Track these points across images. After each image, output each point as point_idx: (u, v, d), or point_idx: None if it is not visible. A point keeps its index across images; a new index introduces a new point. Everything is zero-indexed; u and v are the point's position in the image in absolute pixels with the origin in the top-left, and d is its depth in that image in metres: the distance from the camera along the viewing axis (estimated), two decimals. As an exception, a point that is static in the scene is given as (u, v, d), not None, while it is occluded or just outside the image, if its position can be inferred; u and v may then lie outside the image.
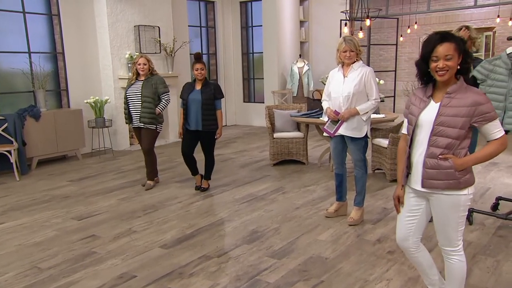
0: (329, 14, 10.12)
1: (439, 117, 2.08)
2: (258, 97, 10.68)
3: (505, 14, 10.06)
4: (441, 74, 2.06)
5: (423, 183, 2.16)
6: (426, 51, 2.08)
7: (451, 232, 2.20)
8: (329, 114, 3.82)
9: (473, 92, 2.09)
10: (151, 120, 5.05)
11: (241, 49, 10.63)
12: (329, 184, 5.20)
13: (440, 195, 2.15)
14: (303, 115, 5.92)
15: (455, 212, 2.16)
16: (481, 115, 2.05)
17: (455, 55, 2.04)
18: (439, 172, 2.11)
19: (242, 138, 8.72)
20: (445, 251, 2.28)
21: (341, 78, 3.75)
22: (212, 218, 4.18)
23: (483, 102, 2.05)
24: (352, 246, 3.43)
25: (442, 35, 2.06)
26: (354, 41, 3.68)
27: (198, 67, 4.78)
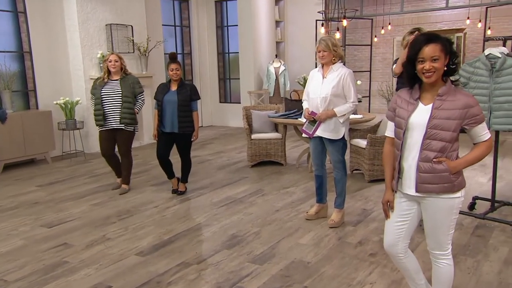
0: (304, 14, 10.12)
1: (432, 120, 2.03)
2: (234, 98, 10.58)
3: (475, 16, 10.29)
4: (428, 76, 2.01)
5: (418, 188, 2.11)
6: (412, 53, 2.04)
7: (442, 235, 2.17)
8: (304, 114, 3.77)
9: (463, 94, 2.06)
10: (132, 120, 4.93)
11: (217, 49, 10.51)
12: (308, 185, 5.15)
13: (433, 199, 2.11)
14: (281, 115, 5.86)
15: (448, 215, 2.13)
16: (473, 117, 2.03)
17: (442, 56, 2.00)
18: (434, 176, 2.07)
19: (218, 139, 8.60)
20: (434, 254, 2.24)
21: (320, 79, 3.71)
22: (190, 223, 4.05)
23: (473, 105, 2.04)
24: (334, 249, 3.37)
25: (428, 36, 2.02)
26: (328, 41, 3.61)
27: (173, 67, 4.64)
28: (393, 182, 2.23)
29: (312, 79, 3.80)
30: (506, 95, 3.48)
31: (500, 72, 3.50)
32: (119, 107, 4.87)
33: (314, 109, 3.73)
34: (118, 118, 4.87)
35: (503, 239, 3.50)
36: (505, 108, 3.46)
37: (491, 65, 3.53)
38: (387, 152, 2.27)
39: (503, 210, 4.05)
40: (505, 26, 9.93)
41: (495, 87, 3.52)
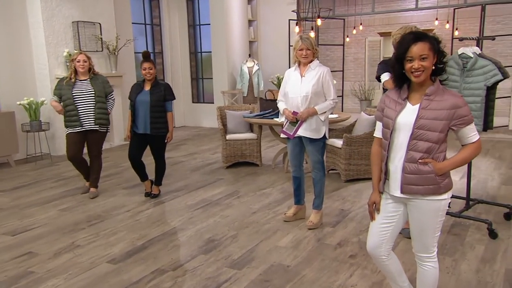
0: (277, 14, 10.09)
1: (419, 120, 1.99)
2: (207, 98, 10.43)
3: (443, 17, 10.54)
4: (416, 75, 1.97)
5: (402, 189, 2.06)
6: (401, 52, 1.99)
7: (428, 238, 2.12)
8: (287, 116, 3.68)
9: (451, 94, 2.02)
10: (106, 121, 4.78)
11: (189, 48, 10.34)
12: (284, 186, 5.08)
13: (419, 201, 2.07)
14: (256, 116, 5.77)
15: (434, 217, 2.08)
16: (460, 118, 1.98)
17: (430, 55, 1.96)
18: (419, 177, 2.02)
19: (192, 140, 8.43)
20: (419, 257, 2.19)
21: (299, 78, 3.64)
22: (164, 227, 3.91)
23: (461, 105, 1.99)
24: (313, 252, 3.31)
25: (416, 35, 1.97)
26: (310, 39, 3.62)
27: (146, 66, 4.48)
28: (380, 183, 2.18)
29: (289, 78, 3.72)
30: (474, 95, 3.51)
31: (471, 72, 3.53)
32: (93, 108, 4.69)
33: (294, 109, 3.66)
34: (92, 119, 4.68)
35: (478, 237, 3.53)
36: (472, 109, 3.49)
37: (463, 65, 3.56)
38: (375, 153, 2.22)
39: (477, 208, 4.10)
40: (471, 28, 10.21)
41: (464, 87, 3.55)
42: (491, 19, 9.69)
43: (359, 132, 5.27)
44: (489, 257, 3.16)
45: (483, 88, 3.36)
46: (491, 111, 3.52)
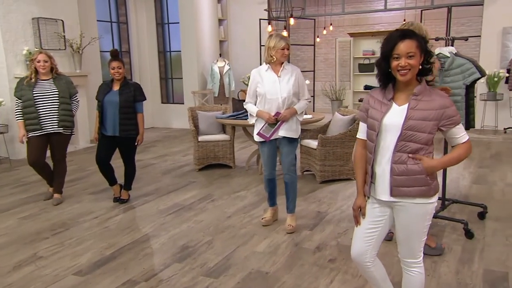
0: (247, 13, 9.99)
1: (408, 121, 1.91)
2: (177, 98, 10.20)
3: (410, 18, 10.73)
4: (403, 73, 1.89)
5: (392, 191, 1.98)
6: (387, 49, 1.91)
7: (415, 242, 2.05)
8: (268, 118, 3.54)
9: (438, 94, 1.96)
10: (71, 123, 4.53)
11: (157, 47, 10.09)
12: (259, 188, 4.97)
13: (408, 204, 1.99)
14: (230, 116, 5.63)
15: (422, 221, 2.01)
16: (449, 118, 1.93)
17: (417, 53, 1.89)
18: (409, 178, 1.95)
19: (162, 142, 8.20)
20: (405, 263, 2.12)
21: (276, 78, 3.54)
22: (135, 235, 3.71)
23: (449, 105, 1.94)
24: (292, 257, 3.21)
25: (403, 32, 1.91)
26: (288, 39, 3.57)
27: (115, 65, 4.27)
28: (365, 187, 2.09)
29: (263, 79, 3.56)
30: (454, 95, 3.50)
31: (449, 71, 3.52)
32: (56, 109, 4.43)
33: (274, 111, 3.54)
34: (55, 121, 4.42)
35: (455, 237, 3.52)
36: None
37: (441, 65, 3.55)
38: (359, 155, 2.13)
39: (451, 208, 4.12)
40: (438, 29, 10.43)
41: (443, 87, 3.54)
42: (456, 21, 9.94)
43: (334, 133, 5.23)
44: (466, 257, 3.15)
45: (462, 87, 3.35)
46: (472, 110, 3.53)
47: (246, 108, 3.73)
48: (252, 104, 3.67)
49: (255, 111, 3.63)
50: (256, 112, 3.62)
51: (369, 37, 10.14)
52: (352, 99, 10.38)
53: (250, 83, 3.66)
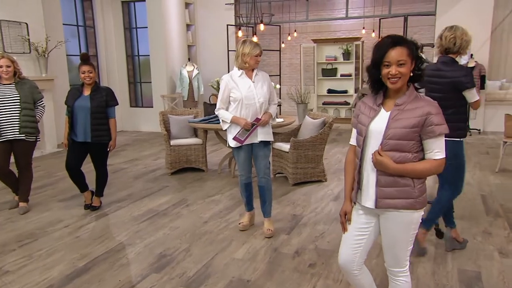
0: (215, 19, 10.05)
1: (389, 130, 1.91)
2: (146, 102, 10.06)
3: (369, 26, 11.07)
4: (393, 81, 1.88)
5: (377, 203, 1.96)
6: (378, 56, 1.89)
7: (401, 251, 2.04)
8: (245, 124, 3.51)
9: (425, 101, 1.91)
10: (34, 129, 4.34)
11: (125, 51, 9.90)
12: (233, 192, 4.94)
13: (393, 213, 1.97)
14: (202, 120, 5.58)
15: (407, 231, 1.99)
16: (430, 126, 1.87)
17: (408, 60, 1.87)
18: (395, 190, 1.93)
19: (131, 146, 8.03)
20: (392, 272, 2.10)
21: (250, 83, 3.55)
22: (109, 244, 3.60)
23: (434, 113, 1.87)
24: (272, 263, 3.19)
25: (394, 39, 1.88)
26: (260, 45, 3.61)
27: (85, 69, 4.15)
28: (352, 193, 2.10)
29: (239, 84, 3.53)
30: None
31: None
32: (17, 115, 4.25)
33: (251, 116, 3.54)
34: (17, 128, 4.24)
35: (427, 237, 3.60)
36: None
37: None
38: (349, 161, 2.13)
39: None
40: (392, 37, 10.80)
41: None
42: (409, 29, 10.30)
43: (305, 136, 5.27)
44: (440, 258, 3.23)
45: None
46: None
47: (218, 115, 3.64)
48: (224, 110, 3.61)
49: (229, 117, 3.57)
50: (231, 118, 3.57)
51: (332, 44, 10.42)
52: (316, 103, 10.58)
53: (222, 89, 3.57)
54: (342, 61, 10.25)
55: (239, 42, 3.57)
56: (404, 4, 10.34)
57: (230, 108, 3.58)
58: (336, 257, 3.21)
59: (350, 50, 10.10)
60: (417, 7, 10.13)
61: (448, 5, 8.60)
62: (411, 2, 10.35)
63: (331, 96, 10.48)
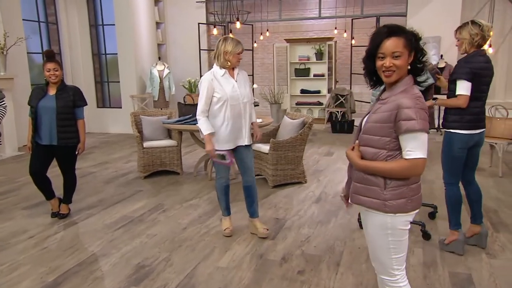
0: (185, 16, 9.84)
1: (366, 124, 1.82)
2: (114, 102, 9.67)
3: (341, 27, 11.12)
4: (387, 74, 1.75)
5: (351, 198, 1.91)
6: (372, 47, 1.76)
7: (382, 257, 1.87)
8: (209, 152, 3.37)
9: (404, 93, 1.74)
10: None
11: (91, 49, 9.48)
12: (211, 195, 4.74)
13: (367, 212, 1.87)
14: (177, 121, 5.35)
15: (382, 235, 1.82)
16: (399, 121, 1.69)
17: (405, 52, 1.73)
18: (364, 187, 1.83)
19: (100, 148, 7.66)
20: (382, 280, 1.94)
21: (233, 83, 3.41)
22: (80, 255, 3.32)
23: (405, 106, 1.68)
24: (259, 271, 3.02)
25: (391, 29, 1.74)
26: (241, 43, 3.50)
27: (50, 67, 3.85)
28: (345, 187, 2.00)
29: (223, 84, 3.36)
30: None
31: None
32: None
33: (235, 116, 3.38)
34: None
35: (413, 239, 3.53)
36: None
37: None
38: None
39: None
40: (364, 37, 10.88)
41: None
42: (381, 30, 10.46)
43: (285, 137, 5.14)
44: (430, 260, 3.16)
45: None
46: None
47: (198, 120, 3.41)
48: (205, 120, 3.36)
49: (204, 132, 3.36)
50: (205, 135, 3.35)
51: (305, 43, 10.40)
52: (289, 103, 10.52)
53: (204, 89, 3.34)
54: (315, 61, 10.22)
55: (220, 39, 3.41)
56: (375, 5, 10.42)
57: (213, 108, 3.38)
58: (324, 262, 3.12)
59: (323, 50, 10.08)
60: (388, 8, 10.22)
61: (419, 6, 8.71)
62: (382, 3, 10.44)
63: (305, 96, 10.43)
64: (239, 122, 3.41)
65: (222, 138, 3.38)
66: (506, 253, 3.26)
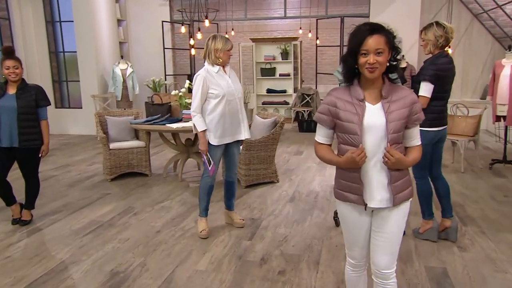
0: (148, 14, 9.61)
1: (389, 124, 1.81)
2: (73, 102, 9.28)
3: (305, 27, 11.25)
4: (371, 70, 1.77)
5: (395, 200, 1.87)
6: (355, 44, 1.77)
7: (397, 246, 1.98)
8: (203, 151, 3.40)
9: (406, 90, 1.90)
10: None
11: (48, 47, 9.05)
12: (184, 197, 4.63)
13: (398, 206, 1.91)
14: (145, 122, 5.19)
15: (404, 222, 1.97)
16: (416, 114, 1.87)
17: (386, 49, 1.77)
18: (402, 182, 1.90)
19: (60, 150, 7.32)
20: (384, 275, 1.97)
21: (227, 79, 3.45)
22: (48, 263, 3.13)
23: (416, 101, 1.89)
24: (239, 273, 2.96)
25: (372, 26, 1.77)
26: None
27: (10, 64, 3.63)
28: (351, 196, 1.91)
29: (219, 81, 3.38)
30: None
31: None
32: None
33: (232, 111, 3.44)
34: None
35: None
36: None
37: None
38: (324, 148, 1.97)
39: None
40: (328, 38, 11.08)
41: None
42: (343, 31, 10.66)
43: (257, 136, 5.10)
44: (405, 256, 3.21)
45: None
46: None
47: (192, 117, 3.43)
48: (199, 117, 3.38)
49: (199, 129, 3.39)
50: (200, 133, 3.39)
51: (270, 43, 10.41)
52: (256, 102, 10.51)
53: (198, 86, 3.34)
54: (280, 61, 10.25)
55: (209, 38, 3.44)
56: (338, 6, 10.58)
57: (209, 105, 3.39)
58: (304, 261, 3.10)
59: (288, 50, 10.12)
60: (350, 9, 10.41)
61: (381, 7, 8.91)
62: (345, 4, 10.62)
63: (271, 95, 10.44)
64: (236, 116, 3.49)
65: (221, 133, 3.41)
66: (475, 246, 3.37)
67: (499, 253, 3.23)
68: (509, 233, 3.59)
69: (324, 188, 4.91)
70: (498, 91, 5.65)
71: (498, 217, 3.96)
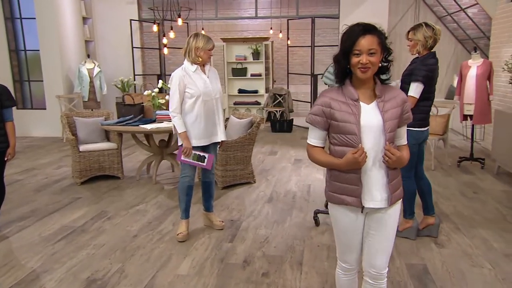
0: (115, 12, 9.36)
1: (386, 123, 1.81)
2: (37, 103, 8.91)
3: (276, 27, 11.28)
4: (364, 70, 1.76)
5: (392, 199, 1.86)
6: (348, 44, 1.76)
7: (391, 246, 1.97)
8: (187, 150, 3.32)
9: (396, 89, 1.92)
10: None
11: (8, 45, 8.64)
12: (159, 199, 4.51)
13: (392, 206, 1.91)
14: (117, 123, 5.02)
15: (398, 220, 1.98)
16: (407, 113, 1.90)
17: (378, 50, 1.77)
18: (397, 181, 1.91)
19: (24, 153, 6.98)
20: (378, 276, 1.96)
21: (205, 79, 3.37)
22: (18, 273, 2.95)
23: (406, 100, 1.91)
24: (223, 276, 2.89)
25: (365, 27, 1.76)
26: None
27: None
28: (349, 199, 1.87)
29: (195, 80, 3.31)
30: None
31: None
32: None
33: (208, 112, 3.37)
34: None
35: (366, 233, 3.62)
36: None
37: None
38: (319, 151, 1.92)
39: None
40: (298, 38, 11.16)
41: None
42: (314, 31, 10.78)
43: (233, 136, 5.04)
44: (386, 253, 3.24)
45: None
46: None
47: (172, 118, 3.34)
48: (179, 118, 3.31)
49: (179, 130, 3.32)
50: (181, 133, 3.31)
51: (241, 43, 10.37)
52: (227, 102, 10.44)
53: (175, 85, 3.27)
54: (251, 61, 10.22)
55: (190, 36, 3.36)
56: (308, 6, 10.66)
57: (185, 105, 3.32)
58: (287, 262, 3.07)
59: (259, 50, 10.10)
60: (321, 10, 10.52)
61: (350, 8, 9.04)
62: (315, 5, 10.72)
63: (242, 96, 10.39)
64: (212, 118, 3.42)
65: (196, 134, 3.35)
66: (452, 242, 3.45)
67: (474, 249, 3.31)
68: (482, 229, 3.69)
69: (301, 188, 4.90)
70: (465, 91, 5.83)
71: (470, 213, 4.06)
